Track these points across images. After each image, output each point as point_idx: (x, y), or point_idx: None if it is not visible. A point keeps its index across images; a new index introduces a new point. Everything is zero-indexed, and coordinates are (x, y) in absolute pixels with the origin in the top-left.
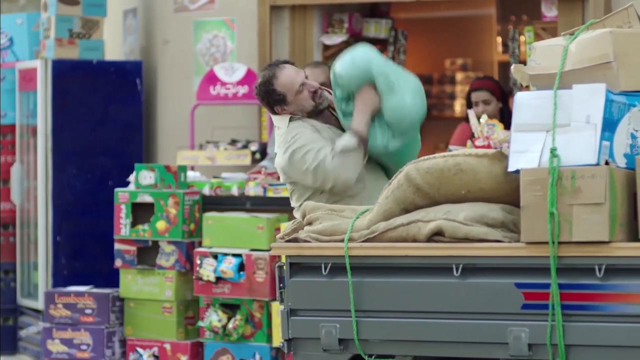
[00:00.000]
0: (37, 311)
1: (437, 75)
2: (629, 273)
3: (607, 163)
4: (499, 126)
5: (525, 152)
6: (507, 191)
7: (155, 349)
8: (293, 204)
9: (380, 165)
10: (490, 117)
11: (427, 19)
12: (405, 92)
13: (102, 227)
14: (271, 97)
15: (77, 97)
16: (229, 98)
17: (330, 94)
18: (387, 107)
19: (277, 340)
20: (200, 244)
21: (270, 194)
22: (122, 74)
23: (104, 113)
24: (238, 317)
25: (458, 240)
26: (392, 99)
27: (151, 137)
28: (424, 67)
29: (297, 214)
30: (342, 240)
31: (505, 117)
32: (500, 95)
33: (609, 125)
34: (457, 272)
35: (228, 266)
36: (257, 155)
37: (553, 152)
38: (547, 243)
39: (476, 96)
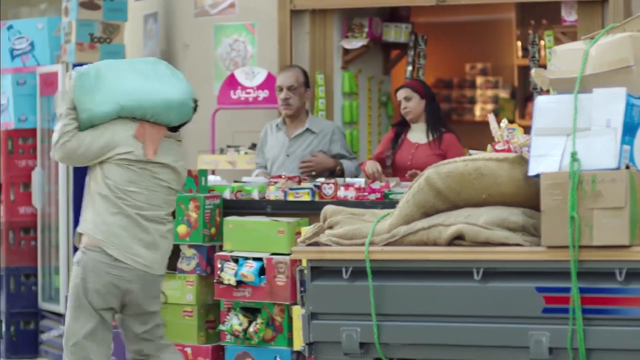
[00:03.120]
0: (58, 315)
1: (457, 79)
2: None
3: (627, 167)
4: (519, 130)
5: (546, 156)
6: (528, 195)
7: None
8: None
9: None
10: (412, 112)
11: (447, 23)
12: None
13: None
14: None
15: None
16: (250, 102)
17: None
18: None
19: (298, 344)
20: (221, 248)
21: (290, 198)
22: None
23: None
24: (259, 320)
25: (479, 244)
26: None
27: None
28: (444, 72)
29: None
30: (362, 244)
31: (429, 115)
32: (424, 93)
33: (630, 129)
34: (477, 276)
35: (249, 270)
36: None
37: (573, 156)
38: (567, 247)
39: (399, 94)
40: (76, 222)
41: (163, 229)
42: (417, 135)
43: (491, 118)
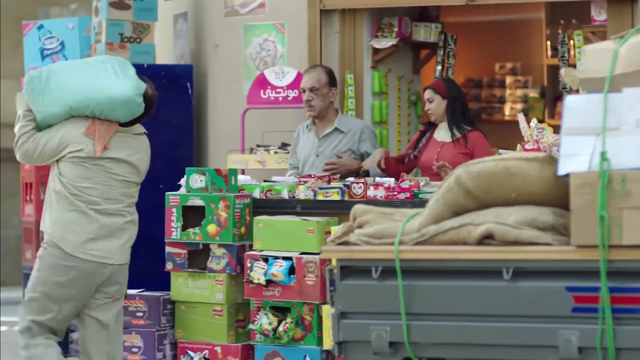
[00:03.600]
0: None
1: (486, 79)
2: None
3: None
4: (549, 130)
5: (575, 156)
6: (557, 194)
7: (206, 352)
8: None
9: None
10: (434, 114)
11: (476, 23)
12: None
13: (152, 231)
14: None
15: None
16: (279, 102)
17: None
18: None
19: (328, 343)
20: (250, 247)
21: (320, 197)
22: (172, 77)
23: (154, 117)
24: (288, 320)
25: (508, 243)
26: None
27: (202, 140)
28: (474, 71)
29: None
30: (392, 244)
31: (450, 115)
32: (446, 94)
33: None
34: (507, 275)
35: (278, 269)
36: None
37: (603, 156)
38: (597, 246)
39: (424, 95)
40: None
41: (122, 221)
42: (443, 134)
43: (521, 117)
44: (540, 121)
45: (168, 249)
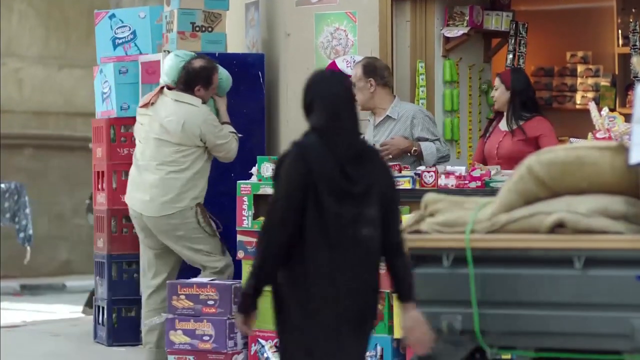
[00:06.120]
0: None
1: (557, 67)
2: None
3: None
4: (620, 118)
5: None
6: (629, 183)
7: (277, 340)
8: None
9: None
10: (496, 102)
11: (547, 11)
12: None
13: (224, 219)
14: None
15: None
16: None
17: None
18: None
19: (399, 331)
20: None
21: None
22: (244, 66)
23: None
24: None
25: (579, 232)
26: None
27: (273, 129)
28: (545, 60)
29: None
30: (464, 232)
31: (510, 106)
32: (510, 85)
33: None
34: (578, 264)
35: None
36: None
37: None
38: None
39: (494, 82)
40: None
41: (152, 178)
42: (505, 123)
43: (592, 106)
44: (612, 110)
45: (239, 237)
